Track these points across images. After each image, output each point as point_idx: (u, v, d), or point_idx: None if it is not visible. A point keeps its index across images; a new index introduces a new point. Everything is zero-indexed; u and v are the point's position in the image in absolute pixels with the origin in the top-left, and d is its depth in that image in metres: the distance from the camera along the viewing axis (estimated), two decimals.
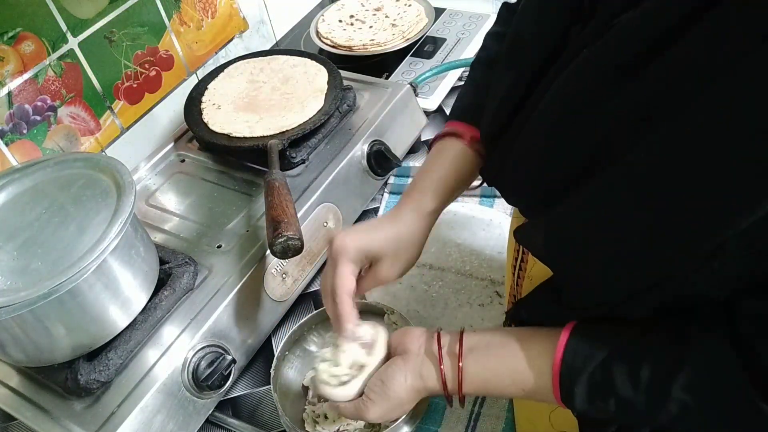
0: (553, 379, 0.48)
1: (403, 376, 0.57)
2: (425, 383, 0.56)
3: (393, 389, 0.57)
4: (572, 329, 0.48)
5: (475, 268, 0.83)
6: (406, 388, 0.57)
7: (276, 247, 0.67)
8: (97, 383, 0.64)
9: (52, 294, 0.58)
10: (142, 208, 0.88)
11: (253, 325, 0.76)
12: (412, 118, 1.00)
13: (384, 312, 0.74)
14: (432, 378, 0.56)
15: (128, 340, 0.67)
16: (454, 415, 0.70)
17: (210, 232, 0.82)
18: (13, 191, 0.70)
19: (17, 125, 0.83)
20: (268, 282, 0.77)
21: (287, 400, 0.72)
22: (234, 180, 0.90)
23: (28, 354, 0.65)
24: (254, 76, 1.00)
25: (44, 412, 0.66)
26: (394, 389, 0.57)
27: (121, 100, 0.97)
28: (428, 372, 0.56)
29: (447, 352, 0.55)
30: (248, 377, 0.79)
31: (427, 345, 0.57)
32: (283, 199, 0.73)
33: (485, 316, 0.77)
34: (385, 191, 0.99)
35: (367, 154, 0.90)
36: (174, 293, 0.72)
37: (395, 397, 0.57)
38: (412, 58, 1.16)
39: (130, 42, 0.95)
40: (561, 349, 0.48)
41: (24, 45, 0.81)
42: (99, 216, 0.65)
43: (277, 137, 0.86)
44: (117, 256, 0.65)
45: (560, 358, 0.47)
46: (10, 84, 0.81)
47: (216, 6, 1.09)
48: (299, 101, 0.92)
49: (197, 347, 0.69)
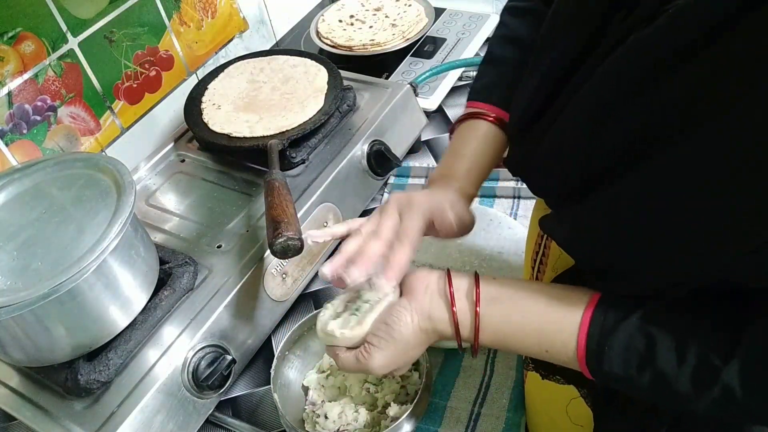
0: (580, 334, 0.45)
1: (409, 316, 0.52)
2: (435, 325, 0.52)
3: (398, 331, 0.52)
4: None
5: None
6: (413, 330, 0.52)
7: (276, 247, 0.67)
8: (97, 383, 0.64)
9: (52, 294, 0.58)
10: (142, 208, 0.88)
11: (253, 325, 0.76)
12: (412, 118, 1.00)
13: None
14: (443, 321, 0.52)
15: (128, 340, 0.67)
16: (453, 415, 0.70)
17: (210, 232, 0.82)
18: (13, 191, 0.70)
19: (17, 125, 0.83)
20: (268, 282, 0.77)
21: (287, 400, 0.72)
22: (234, 180, 0.90)
23: (28, 354, 0.65)
24: (254, 76, 1.00)
25: (44, 412, 0.66)
26: (399, 331, 0.52)
27: (121, 100, 0.97)
28: (439, 314, 0.52)
29: (462, 296, 0.52)
30: (248, 377, 0.79)
31: (436, 285, 0.53)
32: (283, 199, 0.73)
33: None
34: (385, 191, 0.99)
35: (367, 154, 0.90)
36: (174, 293, 0.72)
37: (401, 340, 0.52)
38: (412, 58, 1.16)
39: (130, 42, 0.95)
40: (593, 305, 0.45)
41: (24, 45, 0.81)
42: (99, 216, 0.65)
43: (277, 137, 0.86)
44: (117, 256, 0.65)
45: (590, 316, 0.45)
46: (10, 84, 0.81)
47: (216, 6, 1.09)
48: (299, 101, 0.92)
49: (197, 347, 0.69)
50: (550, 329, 0.47)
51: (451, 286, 0.52)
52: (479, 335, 0.50)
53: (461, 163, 0.61)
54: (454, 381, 0.74)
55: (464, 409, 0.71)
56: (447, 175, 0.61)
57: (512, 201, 0.93)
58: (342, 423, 0.69)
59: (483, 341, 0.51)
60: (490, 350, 0.76)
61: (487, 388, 0.72)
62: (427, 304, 0.53)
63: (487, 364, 0.75)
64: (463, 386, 0.73)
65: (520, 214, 0.91)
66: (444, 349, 0.76)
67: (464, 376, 0.74)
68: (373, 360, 0.53)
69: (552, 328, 0.47)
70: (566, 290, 0.49)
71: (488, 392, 0.72)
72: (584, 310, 0.46)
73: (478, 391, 0.72)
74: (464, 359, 0.75)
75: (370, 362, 0.53)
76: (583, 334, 0.45)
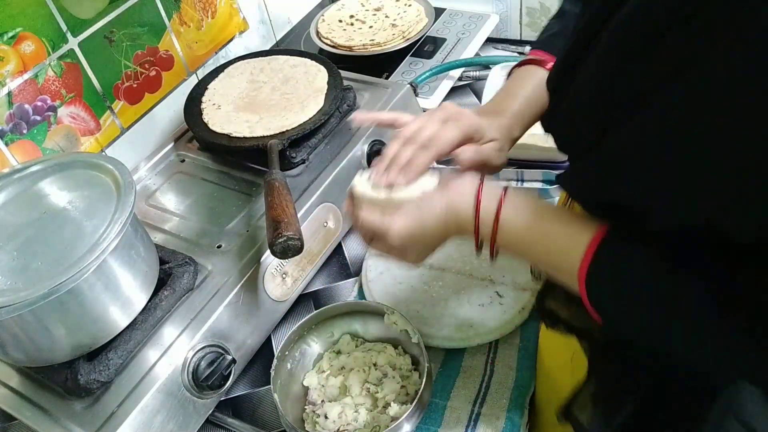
0: (587, 250, 0.47)
1: (438, 204, 0.56)
2: (457, 217, 0.55)
3: (425, 210, 0.56)
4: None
5: (475, 268, 0.83)
6: (437, 215, 0.56)
7: (276, 247, 0.67)
8: (97, 383, 0.64)
9: (52, 294, 0.58)
10: (142, 208, 0.88)
11: (253, 325, 0.76)
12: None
13: (384, 312, 0.74)
14: (466, 215, 0.55)
15: (128, 340, 0.67)
16: (454, 415, 0.70)
17: (210, 232, 0.82)
18: (13, 191, 0.70)
19: (17, 125, 0.83)
20: (268, 282, 0.77)
21: (287, 400, 0.72)
22: (234, 180, 0.90)
23: (28, 354, 0.65)
24: (254, 76, 1.00)
25: (44, 412, 0.66)
26: (426, 210, 0.56)
27: (121, 100, 0.97)
28: (464, 208, 0.55)
29: (489, 196, 0.54)
30: (248, 377, 0.79)
31: (470, 185, 0.56)
32: (283, 199, 0.73)
33: (485, 316, 0.77)
34: None
35: (367, 154, 0.90)
36: (174, 293, 0.72)
37: (424, 220, 0.56)
38: (412, 58, 1.16)
39: (130, 42, 0.95)
40: (604, 231, 0.47)
41: (24, 45, 0.81)
42: (99, 216, 0.65)
43: (277, 137, 0.86)
44: (117, 256, 0.65)
45: (602, 236, 0.47)
46: (10, 84, 0.81)
47: (216, 6, 1.09)
48: (299, 101, 0.92)
49: (197, 347, 0.69)
50: (561, 244, 0.50)
51: (482, 183, 0.55)
52: (497, 232, 0.53)
53: (513, 102, 0.63)
54: (454, 381, 0.74)
55: (464, 409, 0.71)
56: (497, 111, 0.63)
57: None
58: (342, 423, 0.69)
59: (500, 242, 0.53)
60: (490, 350, 0.76)
61: (487, 388, 0.72)
62: (456, 199, 0.56)
63: (487, 364, 0.75)
64: (463, 386, 0.73)
65: None
66: (444, 349, 0.77)
67: (464, 376, 0.74)
68: (395, 223, 0.56)
69: (564, 243, 0.49)
70: (586, 216, 0.51)
71: (488, 392, 0.72)
72: (596, 232, 0.48)
73: (478, 391, 0.72)
74: (464, 359, 0.76)
75: (391, 224, 0.57)
76: (590, 250, 0.47)
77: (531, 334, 0.76)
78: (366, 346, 0.76)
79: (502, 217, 0.53)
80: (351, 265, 0.90)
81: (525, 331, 0.77)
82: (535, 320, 0.77)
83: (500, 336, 0.76)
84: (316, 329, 0.77)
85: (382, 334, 0.76)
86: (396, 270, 0.85)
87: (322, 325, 0.77)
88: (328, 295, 0.87)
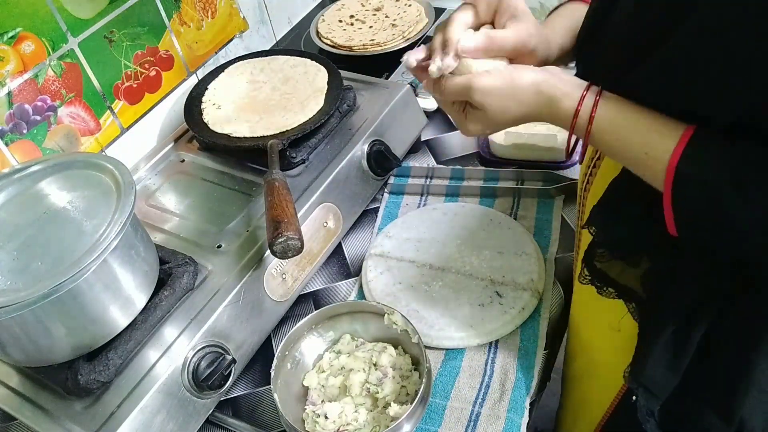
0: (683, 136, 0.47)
1: (536, 74, 0.54)
2: (556, 93, 0.53)
3: (521, 75, 0.54)
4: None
5: (475, 268, 0.83)
6: (534, 84, 0.53)
7: (276, 247, 0.67)
8: (97, 383, 0.64)
9: (52, 294, 0.58)
10: (142, 208, 0.88)
11: (253, 325, 0.76)
12: (412, 118, 1.00)
13: (384, 312, 0.74)
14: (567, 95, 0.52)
15: (128, 340, 0.67)
16: (453, 415, 0.70)
17: (210, 232, 0.82)
18: (13, 191, 0.70)
19: (17, 125, 0.83)
20: (268, 282, 0.77)
21: (287, 400, 0.72)
22: (234, 180, 0.90)
23: (28, 354, 0.65)
24: (254, 76, 1.00)
25: (44, 412, 0.66)
26: (522, 76, 0.54)
27: (121, 100, 0.97)
28: (565, 87, 0.53)
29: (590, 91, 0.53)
30: (248, 377, 0.79)
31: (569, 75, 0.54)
32: (283, 199, 0.73)
33: (485, 316, 0.77)
34: (385, 191, 0.99)
35: (367, 154, 0.90)
36: (174, 293, 0.72)
37: (515, 83, 0.54)
38: None
39: (130, 42, 0.95)
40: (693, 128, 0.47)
41: (24, 45, 0.81)
42: (99, 216, 0.65)
43: (277, 137, 0.86)
44: (117, 256, 0.65)
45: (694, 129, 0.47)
46: (10, 84, 0.81)
47: (216, 6, 1.09)
48: (299, 101, 0.92)
49: (197, 347, 0.69)
50: (656, 129, 0.49)
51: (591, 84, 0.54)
52: (596, 111, 0.51)
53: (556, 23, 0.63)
54: (454, 381, 0.74)
55: (464, 409, 0.71)
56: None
57: (512, 201, 0.93)
58: (342, 423, 0.69)
59: (597, 123, 0.52)
60: (490, 350, 0.76)
61: (487, 388, 0.72)
62: (556, 78, 0.53)
63: (487, 364, 0.75)
64: (463, 386, 0.73)
65: (520, 214, 0.91)
66: (444, 349, 0.77)
67: (464, 376, 0.74)
68: (483, 80, 0.54)
69: (658, 129, 0.49)
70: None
71: (488, 392, 0.72)
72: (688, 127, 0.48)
73: (478, 391, 0.72)
74: (464, 359, 0.76)
75: (479, 81, 0.54)
76: (686, 137, 0.47)
77: (531, 334, 0.77)
78: (366, 346, 0.76)
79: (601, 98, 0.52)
80: (351, 265, 0.90)
81: (525, 331, 0.77)
82: (535, 320, 0.77)
83: (500, 336, 0.76)
84: (316, 329, 0.77)
85: (382, 334, 0.76)
86: (396, 270, 0.85)
87: (322, 325, 0.77)
88: (328, 295, 0.87)
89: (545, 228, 0.88)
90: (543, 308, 0.79)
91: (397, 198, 0.98)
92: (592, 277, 0.63)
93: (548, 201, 0.92)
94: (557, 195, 0.92)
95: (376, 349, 0.75)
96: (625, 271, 0.60)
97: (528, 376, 0.73)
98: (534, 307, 0.78)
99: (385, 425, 0.67)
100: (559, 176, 0.92)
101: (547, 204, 0.91)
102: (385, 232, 0.91)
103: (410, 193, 0.98)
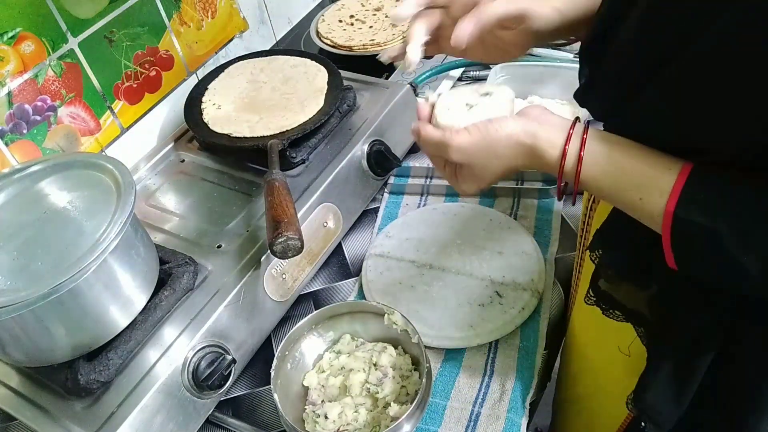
0: (679, 176, 0.45)
1: (513, 124, 0.52)
2: (537, 142, 0.51)
3: (495, 128, 0.52)
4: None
5: (475, 268, 0.83)
6: (511, 136, 0.52)
7: (276, 247, 0.67)
8: (97, 383, 0.64)
9: (52, 294, 0.58)
10: (142, 208, 0.88)
11: (253, 325, 0.76)
12: (412, 118, 0.99)
13: (384, 312, 0.74)
14: (548, 141, 0.51)
15: (128, 340, 0.67)
16: (454, 415, 0.70)
17: (210, 232, 0.82)
18: (13, 191, 0.70)
19: (17, 125, 0.83)
20: (268, 282, 0.77)
21: (287, 400, 0.72)
22: (234, 180, 0.90)
23: (28, 354, 0.65)
24: (254, 76, 1.00)
25: (44, 412, 0.66)
26: (496, 128, 0.52)
27: (121, 100, 0.97)
28: (546, 134, 0.51)
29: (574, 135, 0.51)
30: (248, 377, 0.79)
31: (551, 116, 0.53)
32: (283, 199, 0.73)
33: (485, 316, 0.77)
34: (385, 191, 0.99)
35: (367, 154, 0.90)
36: (174, 293, 0.72)
37: (493, 137, 0.52)
38: None
39: (130, 42, 0.95)
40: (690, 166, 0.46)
41: (24, 45, 0.81)
42: (99, 216, 0.65)
43: (277, 137, 0.86)
44: (117, 256, 0.65)
45: (691, 168, 0.45)
46: (10, 84, 0.81)
47: (216, 6, 1.09)
48: (299, 101, 0.92)
49: (197, 347, 0.69)
50: (649, 174, 0.47)
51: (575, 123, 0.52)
52: (582, 166, 0.50)
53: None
54: (454, 381, 0.74)
55: (464, 409, 0.71)
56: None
57: (512, 201, 0.93)
58: (342, 423, 0.69)
59: (584, 173, 0.50)
60: (490, 350, 0.76)
61: (487, 388, 0.72)
62: (535, 124, 0.52)
63: (487, 364, 0.75)
64: (463, 386, 0.73)
65: (520, 214, 0.91)
66: (444, 349, 0.77)
67: (464, 376, 0.74)
68: (458, 138, 0.53)
69: (651, 173, 0.47)
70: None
71: (488, 392, 0.72)
72: (684, 164, 0.46)
73: (478, 391, 0.72)
74: (464, 359, 0.76)
75: (454, 138, 0.53)
76: (681, 178, 0.45)
77: (531, 334, 0.77)
78: (366, 346, 0.76)
79: (587, 148, 0.50)
80: (351, 265, 0.90)
81: (525, 331, 0.77)
82: (535, 320, 0.77)
83: (500, 336, 0.76)
84: (316, 329, 0.77)
85: (382, 334, 0.76)
86: (396, 270, 0.85)
87: (322, 325, 0.77)
88: (328, 295, 0.87)
89: (545, 228, 0.88)
90: (543, 308, 0.79)
91: (397, 198, 0.98)
92: (598, 299, 0.62)
93: (548, 201, 0.92)
94: (557, 195, 0.92)
95: (376, 349, 0.75)
96: (632, 294, 0.58)
97: (528, 376, 0.73)
98: (534, 307, 0.78)
99: (385, 425, 0.67)
100: None
101: (547, 204, 0.91)
102: (385, 232, 0.91)
103: (410, 193, 0.98)
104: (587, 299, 0.63)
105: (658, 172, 0.47)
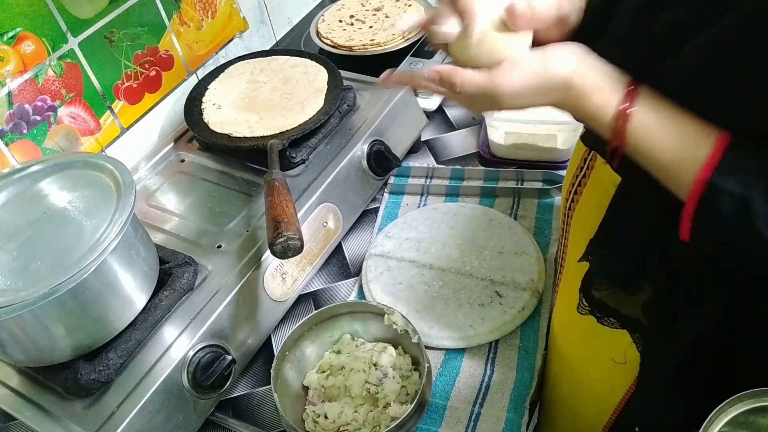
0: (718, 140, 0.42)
1: (570, 60, 0.46)
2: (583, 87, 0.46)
3: (553, 65, 0.46)
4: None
5: (475, 268, 0.83)
6: (565, 75, 0.46)
7: (276, 247, 0.67)
8: (97, 383, 0.64)
9: (52, 294, 0.58)
10: (142, 208, 0.88)
11: (253, 325, 0.76)
12: (412, 118, 1.00)
13: (384, 312, 0.74)
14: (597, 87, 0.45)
15: (128, 340, 0.67)
16: (454, 415, 0.70)
17: (210, 232, 0.82)
18: (13, 191, 0.70)
19: (17, 125, 0.83)
20: (268, 282, 0.77)
21: (287, 400, 0.72)
22: (234, 180, 0.90)
23: (28, 354, 0.65)
24: (254, 77, 1.00)
25: (44, 412, 0.66)
26: (555, 66, 0.46)
27: (121, 100, 0.97)
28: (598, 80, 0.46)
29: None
30: (248, 377, 0.79)
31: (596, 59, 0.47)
32: (283, 199, 0.73)
33: (485, 316, 0.77)
34: (385, 191, 0.99)
35: (367, 154, 0.90)
36: (174, 293, 0.72)
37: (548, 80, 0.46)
38: (412, 58, 1.16)
39: (130, 42, 0.95)
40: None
41: (24, 45, 0.81)
42: (99, 216, 0.65)
43: (277, 137, 0.86)
44: (117, 256, 0.65)
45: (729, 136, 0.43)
46: (10, 84, 0.81)
47: (216, 6, 1.09)
48: (299, 101, 0.92)
49: (197, 347, 0.69)
50: (690, 138, 0.44)
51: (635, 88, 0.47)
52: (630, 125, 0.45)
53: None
54: (454, 381, 0.74)
55: (464, 409, 0.71)
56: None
57: (512, 201, 0.93)
58: (342, 423, 0.69)
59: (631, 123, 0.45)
60: (490, 350, 0.76)
61: (487, 388, 0.72)
62: (592, 61, 0.47)
63: (487, 364, 0.75)
64: (463, 386, 0.73)
65: (520, 214, 0.91)
66: (444, 349, 0.77)
67: (464, 376, 0.74)
68: (509, 82, 0.47)
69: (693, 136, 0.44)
70: None
71: (488, 392, 0.72)
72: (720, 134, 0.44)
73: (478, 391, 0.72)
74: (464, 359, 0.76)
75: (504, 83, 0.47)
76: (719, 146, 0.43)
77: (531, 334, 0.77)
78: (366, 346, 0.76)
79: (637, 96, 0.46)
80: (351, 265, 0.90)
81: (525, 331, 0.77)
82: (535, 320, 0.77)
83: (500, 336, 0.76)
84: (316, 329, 0.77)
85: (382, 334, 0.76)
86: (396, 270, 0.85)
87: (322, 325, 0.77)
88: (328, 295, 0.87)
89: (545, 228, 0.88)
90: (543, 308, 0.79)
91: (397, 198, 0.98)
92: (591, 308, 0.61)
93: (548, 201, 0.92)
94: (557, 195, 0.92)
95: (376, 349, 0.75)
96: (625, 300, 0.58)
97: (528, 376, 0.73)
98: (534, 307, 0.78)
99: (385, 425, 0.67)
100: (559, 176, 0.92)
101: (547, 204, 0.91)
102: (385, 232, 0.91)
103: (410, 193, 0.98)
104: (581, 309, 0.62)
105: (699, 135, 0.44)
